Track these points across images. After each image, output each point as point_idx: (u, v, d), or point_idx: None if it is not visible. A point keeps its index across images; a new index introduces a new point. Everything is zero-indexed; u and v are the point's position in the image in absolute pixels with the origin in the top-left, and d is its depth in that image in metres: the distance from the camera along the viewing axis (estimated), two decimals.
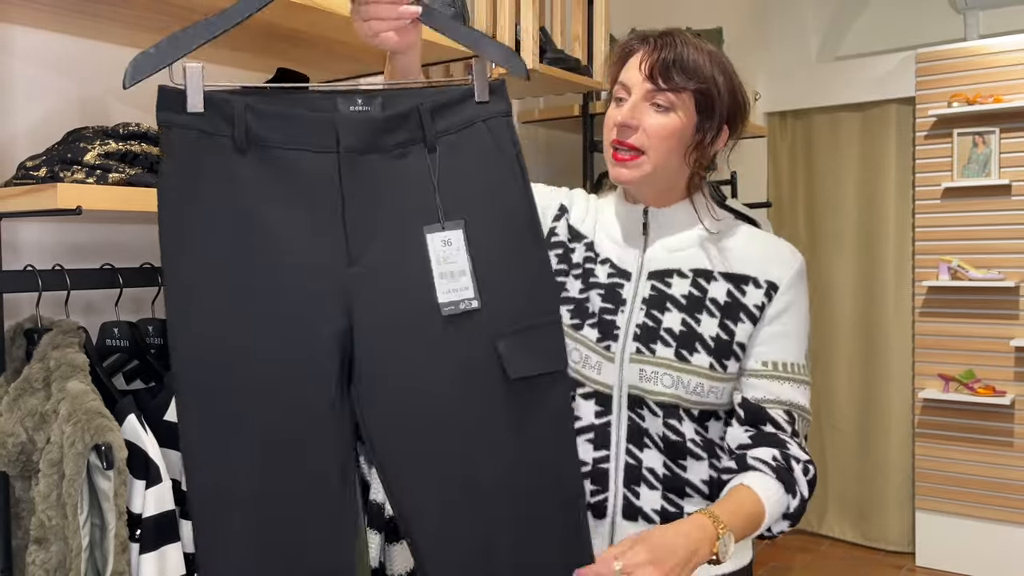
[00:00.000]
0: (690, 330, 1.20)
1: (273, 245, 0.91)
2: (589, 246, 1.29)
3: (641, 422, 1.19)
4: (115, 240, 1.55)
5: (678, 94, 1.17)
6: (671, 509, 1.20)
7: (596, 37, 2.40)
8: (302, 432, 0.93)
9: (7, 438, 1.17)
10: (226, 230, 0.90)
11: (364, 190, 0.96)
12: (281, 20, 1.44)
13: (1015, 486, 3.71)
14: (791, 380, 1.20)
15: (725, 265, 1.23)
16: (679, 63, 1.16)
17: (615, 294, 1.24)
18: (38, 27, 1.43)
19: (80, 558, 1.11)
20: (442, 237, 0.99)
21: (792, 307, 1.22)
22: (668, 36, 1.20)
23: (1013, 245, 3.72)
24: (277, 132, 0.92)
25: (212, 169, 0.89)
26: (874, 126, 4.14)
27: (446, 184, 0.99)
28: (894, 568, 3.92)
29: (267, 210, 0.91)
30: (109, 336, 1.38)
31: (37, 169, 1.20)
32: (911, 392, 4.02)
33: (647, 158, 1.18)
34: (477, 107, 1.04)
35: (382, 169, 0.97)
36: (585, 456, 1.21)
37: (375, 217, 0.96)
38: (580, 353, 1.22)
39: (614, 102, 1.22)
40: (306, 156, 0.93)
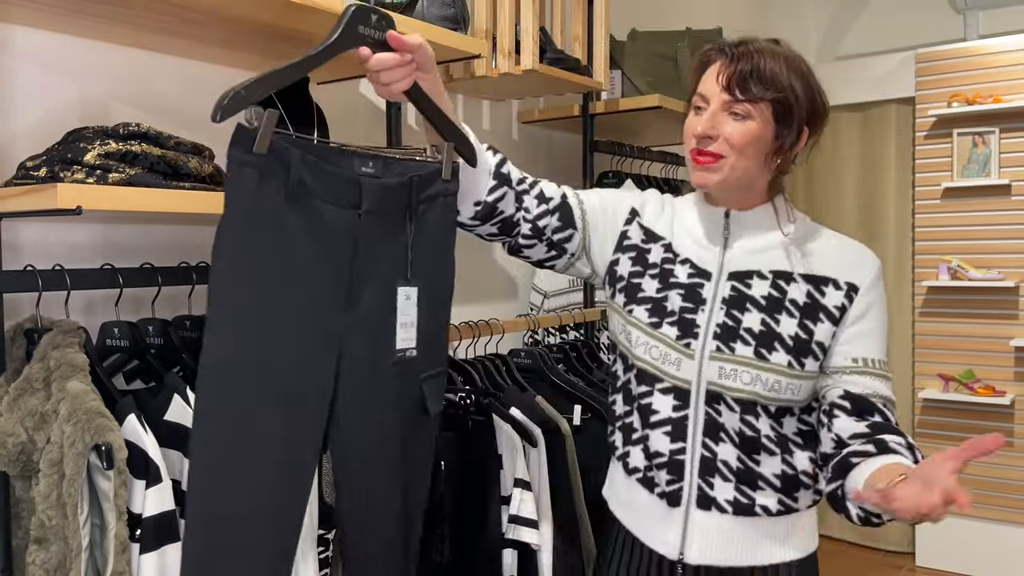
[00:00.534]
0: (769, 330, 1.24)
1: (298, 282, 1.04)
2: (667, 247, 1.34)
3: (718, 417, 1.25)
4: (115, 240, 1.55)
5: (755, 104, 1.21)
6: (743, 500, 1.25)
7: (596, 37, 2.40)
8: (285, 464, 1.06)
9: (7, 438, 1.17)
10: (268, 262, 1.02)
11: (368, 245, 1.11)
12: (281, 20, 1.44)
13: (1015, 486, 3.71)
14: (879, 376, 1.25)
15: (805, 267, 1.28)
16: (756, 74, 1.20)
17: (695, 294, 1.29)
18: (38, 27, 1.43)
19: (80, 558, 1.11)
20: (406, 292, 1.16)
21: (873, 307, 1.26)
22: (744, 46, 1.23)
23: (1013, 245, 3.72)
24: (318, 185, 1.05)
25: (265, 207, 1.00)
26: (874, 126, 4.14)
27: (415, 246, 1.17)
28: (894, 568, 3.92)
29: (299, 251, 1.04)
30: (109, 336, 1.38)
31: (37, 169, 1.20)
32: (911, 392, 4.02)
33: (726, 161, 1.22)
34: (442, 184, 1.20)
35: (382, 228, 1.12)
36: (662, 447, 1.28)
37: (370, 269, 1.12)
38: (659, 350, 1.28)
39: (693, 111, 1.27)
40: (334, 210, 1.07)
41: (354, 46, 1.10)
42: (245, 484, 1.02)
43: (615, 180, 2.70)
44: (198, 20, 1.42)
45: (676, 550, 1.28)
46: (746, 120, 1.21)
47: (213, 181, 1.35)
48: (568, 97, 2.69)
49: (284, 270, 1.02)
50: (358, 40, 1.10)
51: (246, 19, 1.42)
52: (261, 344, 1.01)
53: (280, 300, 1.02)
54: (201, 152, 1.33)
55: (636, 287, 1.33)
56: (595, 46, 2.40)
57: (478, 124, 2.49)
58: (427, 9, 1.71)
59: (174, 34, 1.50)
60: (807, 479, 1.28)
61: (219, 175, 1.37)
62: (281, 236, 1.02)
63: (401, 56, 1.14)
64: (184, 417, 1.23)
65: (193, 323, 1.46)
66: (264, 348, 1.01)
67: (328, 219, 1.06)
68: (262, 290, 1.00)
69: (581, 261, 1.40)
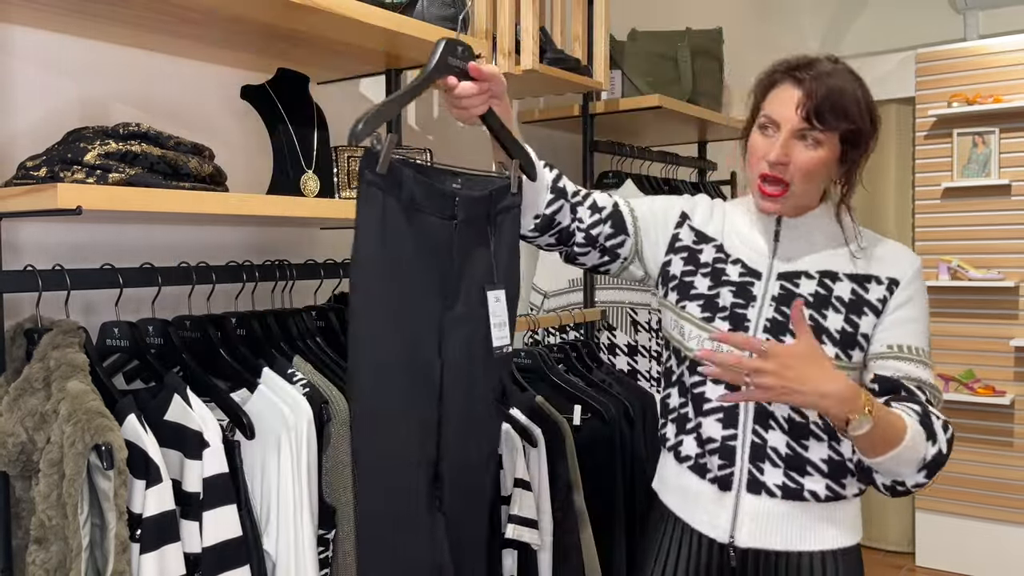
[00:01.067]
0: (817, 324, 1.30)
1: (413, 284, 1.22)
2: (719, 248, 1.41)
3: (768, 405, 1.31)
4: (115, 240, 1.55)
5: (829, 134, 1.25)
6: (792, 485, 1.30)
7: (596, 37, 2.40)
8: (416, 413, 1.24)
9: (7, 438, 1.17)
10: (393, 265, 1.19)
11: (463, 251, 1.27)
12: (281, 20, 1.44)
13: (1015, 486, 3.71)
14: (916, 361, 1.28)
15: (850, 267, 1.34)
16: (832, 104, 1.24)
17: (746, 291, 1.35)
18: (38, 27, 1.43)
19: (80, 558, 1.11)
20: (495, 295, 1.31)
21: (913, 299, 1.31)
22: (814, 71, 1.26)
23: (1013, 245, 3.72)
24: (425, 200, 1.22)
25: (389, 219, 1.18)
26: None
27: (497, 253, 1.32)
28: (894, 568, 3.92)
29: (412, 256, 1.21)
30: (109, 336, 1.38)
31: (37, 169, 1.20)
32: None
33: (792, 192, 1.28)
34: (511, 197, 1.34)
35: (471, 236, 1.28)
36: (714, 434, 1.34)
37: (464, 273, 1.28)
38: (712, 344, 1.34)
39: (759, 129, 1.31)
40: (437, 220, 1.24)
41: (446, 75, 1.22)
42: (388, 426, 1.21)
43: (615, 180, 2.69)
44: (198, 20, 1.42)
45: (727, 533, 1.33)
46: (817, 148, 1.26)
47: (213, 181, 1.35)
48: (568, 97, 2.69)
49: (403, 268, 1.20)
50: (449, 69, 1.22)
51: (246, 19, 1.42)
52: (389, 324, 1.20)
53: (401, 291, 1.20)
54: (201, 152, 1.33)
55: (689, 285, 1.40)
56: (595, 46, 2.40)
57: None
58: (427, 9, 1.71)
59: (174, 34, 1.50)
60: (852, 466, 1.32)
61: (219, 175, 1.37)
62: (399, 240, 1.20)
63: (480, 84, 1.24)
64: (184, 417, 1.23)
65: (193, 323, 1.46)
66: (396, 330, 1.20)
67: (432, 228, 1.23)
68: (389, 283, 1.19)
69: (634, 265, 1.47)
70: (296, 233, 1.91)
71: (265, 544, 1.30)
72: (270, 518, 1.31)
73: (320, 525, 1.38)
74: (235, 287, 1.62)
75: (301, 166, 1.60)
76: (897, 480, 1.24)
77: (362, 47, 1.65)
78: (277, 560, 1.30)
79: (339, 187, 1.66)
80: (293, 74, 1.66)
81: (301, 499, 1.32)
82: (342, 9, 1.42)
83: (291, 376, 1.41)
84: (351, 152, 1.69)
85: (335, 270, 1.67)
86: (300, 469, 1.32)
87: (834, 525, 1.33)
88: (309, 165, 1.61)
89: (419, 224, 1.21)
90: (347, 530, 1.42)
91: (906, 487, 1.24)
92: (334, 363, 1.54)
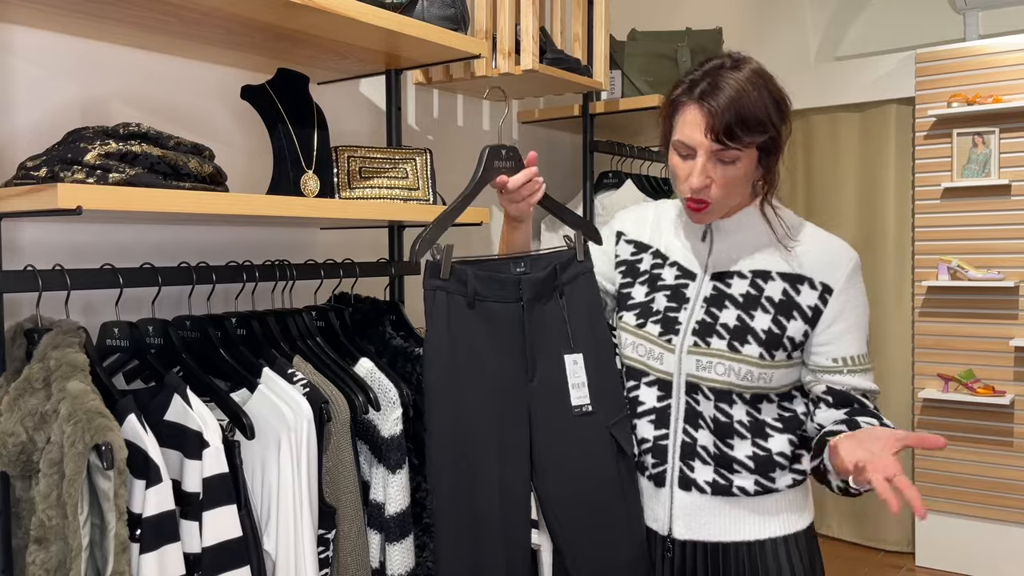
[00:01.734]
0: (744, 325, 1.34)
1: (489, 366, 1.33)
2: (656, 253, 1.46)
3: (696, 405, 1.36)
4: (115, 240, 1.55)
5: (742, 148, 1.26)
6: (721, 482, 1.36)
7: (596, 37, 2.40)
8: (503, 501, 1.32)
9: (7, 438, 1.17)
10: (465, 356, 1.31)
11: (534, 327, 1.37)
12: (281, 20, 1.44)
13: (1015, 486, 3.71)
14: (860, 371, 1.35)
15: (783, 266, 1.36)
16: (740, 120, 1.24)
17: (680, 294, 1.40)
18: (38, 27, 1.43)
19: (80, 558, 1.11)
20: (573, 359, 1.39)
21: (848, 305, 1.34)
22: (716, 86, 1.25)
23: (1013, 245, 3.72)
24: (488, 291, 1.34)
25: (455, 316, 1.31)
26: (873, 126, 4.14)
27: (571, 320, 1.41)
28: (894, 568, 3.92)
29: (483, 343, 1.33)
30: (109, 336, 1.38)
31: (37, 169, 1.20)
32: (911, 392, 4.02)
33: (717, 202, 1.31)
34: (578, 264, 1.43)
35: (541, 311, 1.39)
36: (647, 434, 1.41)
37: (539, 345, 1.37)
38: (645, 347, 1.40)
39: (675, 153, 1.32)
40: (503, 306, 1.35)
41: (494, 178, 1.34)
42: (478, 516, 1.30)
43: (615, 180, 2.70)
44: (198, 20, 1.42)
45: (665, 527, 1.40)
46: (735, 164, 1.28)
47: (213, 181, 1.35)
48: (568, 97, 2.69)
49: (478, 358, 1.32)
50: (496, 172, 1.34)
51: (246, 19, 1.42)
52: (471, 414, 1.30)
53: (480, 381, 1.31)
54: (201, 152, 1.33)
55: (627, 296, 1.47)
56: (595, 46, 2.40)
57: (478, 124, 2.49)
58: (427, 9, 1.71)
59: (174, 34, 1.50)
60: (783, 460, 1.36)
61: (219, 175, 1.37)
62: (470, 334, 1.32)
63: (530, 170, 1.34)
64: (184, 417, 1.23)
65: (193, 323, 1.46)
66: (474, 416, 1.30)
67: (500, 314, 1.35)
68: (465, 377, 1.30)
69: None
70: (296, 233, 1.92)
71: (265, 544, 1.30)
72: (270, 518, 1.31)
73: (320, 525, 1.38)
74: (235, 287, 1.62)
75: (301, 166, 1.60)
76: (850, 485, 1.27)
77: (362, 47, 1.65)
78: (277, 560, 1.30)
79: (339, 187, 1.66)
80: (293, 74, 1.66)
81: (301, 499, 1.32)
82: (342, 9, 1.42)
83: (291, 376, 1.41)
84: (351, 152, 1.69)
85: (335, 270, 1.67)
86: (300, 469, 1.32)
87: (770, 516, 1.37)
88: (309, 165, 1.61)
89: (487, 314, 1.34)
90: (347, 530, 1.43)
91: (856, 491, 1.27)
92: (334, 363, 1.54)
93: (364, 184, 1.68)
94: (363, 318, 1.75)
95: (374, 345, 1.68)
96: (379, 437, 1.48)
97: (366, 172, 1.69)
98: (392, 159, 1.73)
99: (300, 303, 1.76)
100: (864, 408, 1.33)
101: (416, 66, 1.89)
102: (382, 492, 1.46)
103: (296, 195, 1.58)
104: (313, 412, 1.35)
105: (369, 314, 1.76)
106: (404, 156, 1.74)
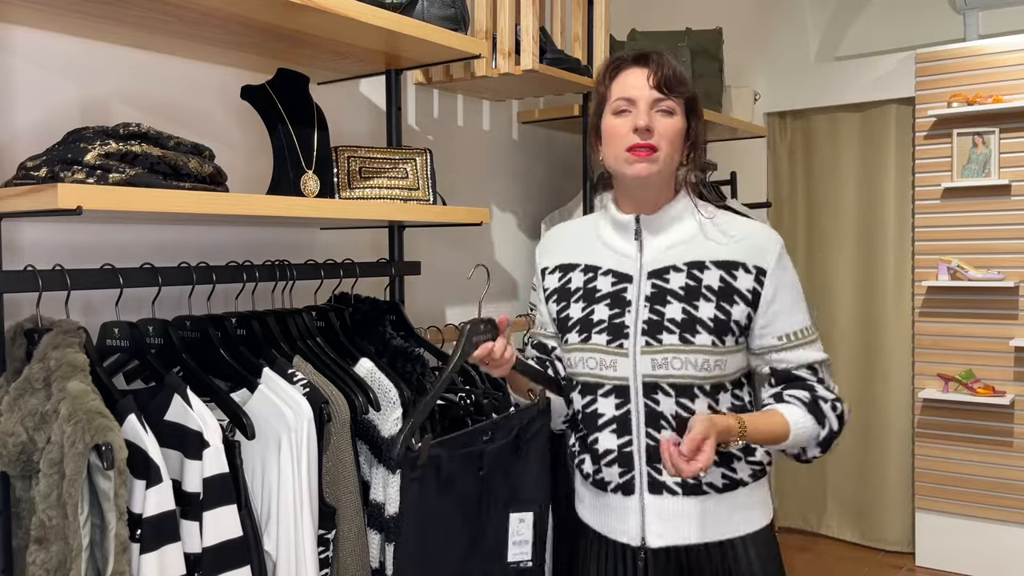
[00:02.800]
0: (690, 316, 1.37)
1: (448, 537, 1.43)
2: (585, 268, 1.49)
3: (656, 406, 1.37)
4: (115, 240, 1.55)
5: (677, 100, 1.38)
6: (690, 481, 1.38)
7: (596, 37, 2.40)
8: None
9: (7, 438, 1.17)
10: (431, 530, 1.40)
11: (490, 490, 1.48)
12: (281, 20, 1.44)
13: (1015, 486, 3.71)
14: (803, 344, 1.41)
15: (714, 254, 1.40)
16: (675, 75, 1.38)
17: (620, 298, 1.42)
18: (38, 27, 1.43)
19: (80, 558, 1.11)
20: (519, 517, 1.51)
21: (782, 283, 1.40)
22: (656, 54, 1.40)
23: (1013, 245, 3.72)
24: (456, 468, 1.42)
25: (428, 495, 1.39)
26: (874, 126, 4.14)
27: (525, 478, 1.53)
28: (894, 568, 3.92)
29: (448, 515, 1.42)
30: (109, 336, 1.38)
31: (37, 169, 1.19)
32: (911, 392, 4.02)
33: (661, 152, 1.37)
34: (540, 416, 1.53)
35: (499, 475, 1.48)
36: (610, 445, 1.41)
37: (492, 508, 1.48)
38: (596, 359, 1.41)
39: (614, 115, 1.40)
40: (466, 477, 1.44)
41: (474, 351, 1.38)
42: None
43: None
44: (198, 20, 1.42)
45: (637, 537, 1.41)
46: (672, 115, 1.38)
47: (213, 181, 1.35)
48: (568, 97, 2.69)
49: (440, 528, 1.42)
50: (475, 346, 1.38)
51: (246, 19, 1.42)
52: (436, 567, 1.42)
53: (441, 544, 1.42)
54: (201, 152, 1.33)
55: (565, 319, 1.49)
56: (595, 46, 2.40)
57: (478, 124, 2.49)
58: (427, 9, 1.71)
59: (174, 34, 1.50)
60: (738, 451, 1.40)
61: (219, 175, 1.37)
62: (436, 511, 1.41)
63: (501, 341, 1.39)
64: (184, 417, 1.23)
65: (193, 323, 1.46)
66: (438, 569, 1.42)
67: (463, 486, 1.44)
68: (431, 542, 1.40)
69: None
70: (296, 233, 1.92)
71: (265, 544, 1.30)
72: (270, 518, 1.31)
73: (320, 525, 1.38)
74: (235, 287, 1.62)
75: (301, 166, 1.60)
76: (798, 453, 1.41)
77: (362, 47, 1.65)
78: (277, 560, 1.30)
79: (339, 187, 1.66)
80: (293, 74, 1.66)
81: (301, 499, 1.32)
82: (342, 9, 1.42)
83: (291, 376, 1.41)
84: (351, 152, 1.69)
85: (335, 270, 1.67)
86: (300, 469, 1.32)
87: (737, 511, 1.40)
88: (309, 165, 1.61)
89: (452, 487, 1.42)
90: (347, 530, 1.43)
91: (808, 457, 1.41)
92: (334, 363, 1.54)
93: (364, 184, 1.68)
94: (363, 318, 1.75)
95: (374, 345, 1.68)
96: (379, 437, 1.48)
97: (366, 172, 1.69)
98: (392, 159, 1.73)
99: (300, 303, 1.75)
100: (800, 381, 1.41)
101: (416, 66, 1.89)
102: (382, 492, 1.46)
103: (296, 195, 1.58)
104: (313, 412, 1.35)
105: (369, 314, 1.76)
106: (404, 156, 1.74)
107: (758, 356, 1.43)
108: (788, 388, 1.40)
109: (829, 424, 1.38)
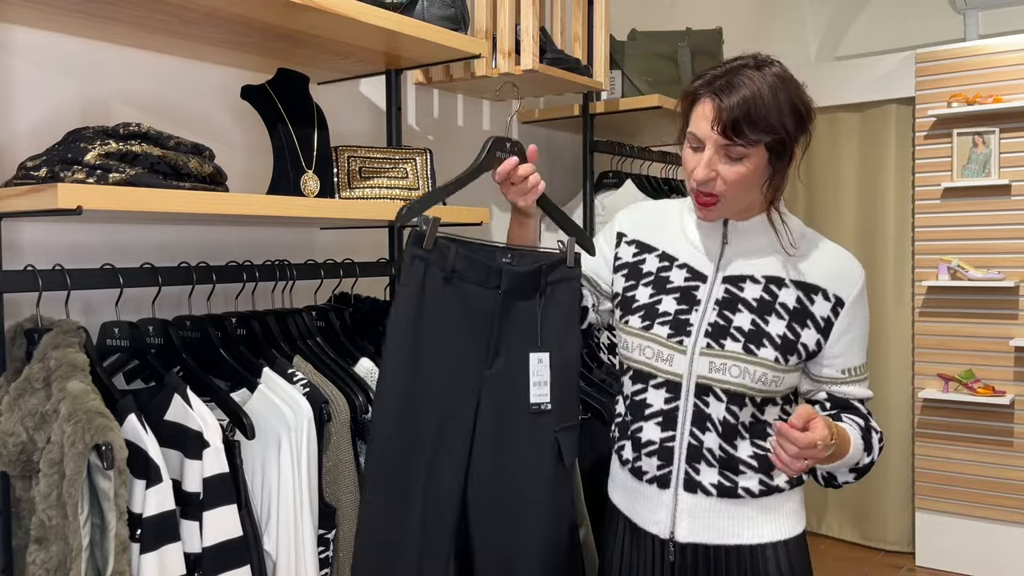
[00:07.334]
0: (758, 329, 1.34)
1: (452, 342, 1.34)
2: (663, 255, 1.45)
3: (705, 408, 1.35)
4: (115, 240, 1.55)
5: (750, 147, 1.25)
6: (727, 484, 1.36)
7: (596, 37, 2.40)
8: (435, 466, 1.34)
9: (8, 438, 1.17)
10: (431, 327, 1.33)
11: (506, 319, 1.39)
12: (281, 20, 1.44)
13: (1015, 486, 3.71)
14: (860, 380, 1.41)
15: (796, 274, 1.37)
16: (749, 117, 1.23)
17: (690, 295, 1.39)
18: (38, 27, 1.43)
19: (80, 558, 1.11)
20: (538, 357, 1.42)
21: (857, 318, 1.38)
22: (731, 83, 1.25)
23: (1013, 245, 3.72)
24: (468, 271, 1.35)
25: (429, 287, 1.33)
26: (873, 126, 4.14)
27: (544, 320, 1.43)
28: (894, 568, 3.92)
29: (451, 320, 1.34)
30: (109, 336, 1.38)
31: (37, 169, 1.20)
32: (911, 392, 4.02)
33: (725, 199, 1.31)
34: (566, 269, 1.45)
35: (516, 305, 1.40)
36: (653, 436, 1.39)
37: (506, 336, 1.39)
38: (653, 349, 1.39)
39: (689, 148, 1.32)
40: (480, 290, 1.37)
41: (495, 166, 1.37)
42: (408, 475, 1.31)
43: (615, 180, 2.69)
44: (198, 20, 1.42)
45: (667, 529, 1.39)
46: (742, 161, 1.26)
47: (213, 181, 1.35)
48: (568, 97, 2.69)
49: (440, 332, 1.33)
50: (496, 161, 1.38)
51: (246, 19, 1.42)
52: (423, 381, 1.32)
53: (437, 353, 1.33)
54: (201, 152, 1.33)
55: (631, 299, 1.45)
56: (595, 46, 2.40)
57: (478, 124, 2.49)
58: (427, 9, 1.71)
59: (174, 34, 1.50)
60: None
61: (219, 175, 1.37)
62: (440, 309, 1.34)
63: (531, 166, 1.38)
64: (184, 417, 1.23)
65: (193, 323, 1.46)
66: (425, 384, 1.32)
67: (474, 296, 1.36)
68: (424, 345, 1.32)
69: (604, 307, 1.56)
70: (296, 233, 1.92)
71: (265, 544, 1.30)
72: (270, 518, 1.31)
73: (320, 525, 1.38)
74: (235, 287, 1.62)
75: (301, 166, 1.60)
76: (831, 477, 1.40)
77: (362, 47, 1.65)
78: (277, 560, 1.30)
79: (339, 187, 1.66)
80: (293, 74, 1.66)
81: (301, 499, 1.32)
82: (342, 9, 1.42)
83: (291, 376, 1.41)
84: (351, 152, 1.69)
85: (335, 270, 1.67)
86: (300, 469, 1.32)
87: (771, 518, 1.38)
88: (309, 165, 1.61)
89: (461, 291, 1.35)
90: (347, 530, 1.42)
91: (837, 483, 1.40)
92: (334, 363, 1.54)
93: (364, 184, 1.68)
94: (363, 318, 1.75)
95: (374, 345, 1.68)
96: None
97: (366, 172, 1.69)
98: (392, 159, 1.73)
99: (300, 303, 1.76)
100: (857, 411, 1.40)
101: (416, 66, 1.89)
102: None
103: (296, 195, 1.58)
104: (313, 412, 1.36)
105: (369, 314, 1.76)
106: (404, 156, 1.75)
107: (813, 382, 1.41)
108: (845, 412, 1.39)
109: (872, 455, 1.37)
